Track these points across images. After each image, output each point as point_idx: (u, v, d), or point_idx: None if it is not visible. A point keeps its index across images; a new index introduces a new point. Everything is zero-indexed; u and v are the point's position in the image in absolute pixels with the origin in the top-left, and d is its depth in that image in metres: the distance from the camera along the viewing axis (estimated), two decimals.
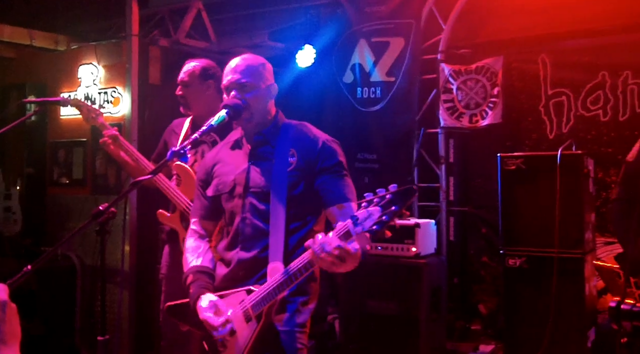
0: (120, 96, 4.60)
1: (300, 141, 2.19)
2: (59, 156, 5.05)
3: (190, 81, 3.18)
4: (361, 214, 1.66)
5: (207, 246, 2.33)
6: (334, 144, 2.20)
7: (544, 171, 3.74)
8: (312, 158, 2.14)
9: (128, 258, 4.37)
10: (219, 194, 2.26)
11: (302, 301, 2.13)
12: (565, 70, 4.29)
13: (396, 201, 1.62)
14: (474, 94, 4.50)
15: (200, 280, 2.20)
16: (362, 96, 4.91)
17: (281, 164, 2.15)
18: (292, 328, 2.09)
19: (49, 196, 5.13)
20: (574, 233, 3.65)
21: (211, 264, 2.27)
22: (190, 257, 2.29)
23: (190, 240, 2.35)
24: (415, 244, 3.91)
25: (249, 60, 2.22)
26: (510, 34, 4.42)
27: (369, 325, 3.92)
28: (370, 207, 1.64)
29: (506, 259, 3.81)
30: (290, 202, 2.10)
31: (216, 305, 2.11)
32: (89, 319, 4.64)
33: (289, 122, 2.28)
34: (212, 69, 3.22)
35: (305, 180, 2.12)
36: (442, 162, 4.70)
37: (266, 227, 2.10)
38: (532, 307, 3.71)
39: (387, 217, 1.61)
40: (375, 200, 1.64)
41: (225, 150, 2.35)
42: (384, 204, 1.62)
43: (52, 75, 5.07)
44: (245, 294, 2.07)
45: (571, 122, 4.29)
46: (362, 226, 1.66)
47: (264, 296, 2.00)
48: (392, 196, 1.62)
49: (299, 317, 2.11)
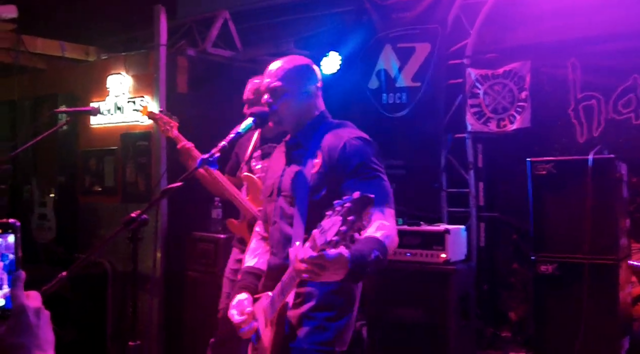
0: (148, 105, 4.67)
1: (326, 142, 2.09)
2: (90, 164, 5.14)
3: (256, 100, 3.25)
4: (326, 223, 1.58)
5: (266, 247, 2.30)
6: (359, 142, 2.05)
7: (575, 176, 3.67)
8: (334, 160, 2.03)
9: (159, 265, 4.42)
10: (265, 198, 2.28)
11: (327, 316, 2.01)
12: (595, 73, 4.21)
13: (354, 210, 1.52)
14: (501, 99, 4.46)
15: (244, 281, 2.21)
16: (388, 102, 4.90)
17: (307, 167, 2.08)
18: (312, 346, 1.98)
19: (81, 204, 5.23)
20: (607, 239, 3.57)
21: (264, 266, 2.24)
22: (247, 257, 2.32)
23: (253, 241, 2.37)
24: (445, 250, 3.88)
25: (286, 63, 2.18)
26: (538, 38, 4.37)
27: (396, 333, 3.89)
28: (333, 217, 1.55)
29: (537, 266, 3.75)
30: (311, 208, 2.00)
31: (242, 304, 2.10)
32: (119, 325, 4.70)
33: (330, 122, 2.20)
34: None
35: (328, 184, 2.02)
36: (471, 167, 4.65)
37: (291, 233, 2.05)
38: (563, 314, 3.63)
39: (346, 228, 1.52)
40: (337, 209, 1.55)
41: (277, 154, 2.34)
42: (343, 213, 1.53)
43: (82, 86, 5.18)
44: (267, 298, 2.05)
45: (602, 126, 4.21)
46: (325, 236, 1.57)
47: (270, 304, 1.99)
48: (350, 205, 1.53)
49: (321, 334, 1.99)
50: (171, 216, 4.49)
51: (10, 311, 0.98)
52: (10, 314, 0.98)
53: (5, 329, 0.97)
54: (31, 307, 0.99)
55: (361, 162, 2.00)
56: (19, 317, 0.98)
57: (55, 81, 5.44)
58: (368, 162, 2.01)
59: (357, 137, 2.07)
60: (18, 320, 0.98)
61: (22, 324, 0.98)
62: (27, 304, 0.99)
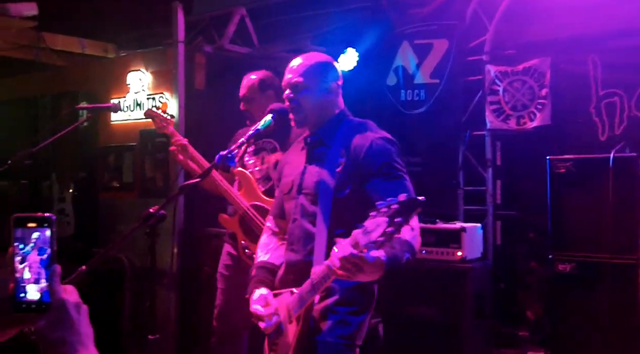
0: (168, 101, 4.70)
1: (351, 141, 2.12)
2: (109, 160, 5.19)
3: (251, 95, 3.29)
4: (369, 224, 1.61)
5: (277, 242, 2.34)
6: (384, 142, 2.10)
7: (596, 174, 3.63)
8: (359, 159, 2.07)
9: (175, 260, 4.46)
10: (282, 195, 2.28)
11: (350, 311, 2.05)
12: (617, 70, 4.14)
13: (402, 212, 1.56)
14: (520, 96, 4.41)
15: (259, 275, 2.24)
16: (406, 99, 4.87)
17: (331, 166, 2.10)
18: (336, 339, 2.02)
19: (100, 199, 5.28)
20: (628, 238, 3.52)
21: (278, 261, 2.28)
22: (259, 253, 2.34)
23: (264, 236, 2.40)
24: (461, 248, 3.85)
25: (307, 60, 2.22)
26: (558, 33, 4.31)
27: (411, 330, 3.88)
28: (378, 218, 1.59)
29: (555, 265, 3.71)
30: (335, 206, 2.04)
31: (266, 298, 2.13)
32: (136, 320, 4.74)
33: (351, 121, 2.22)
34: (270, 78, 3.32)
35: (352, 183, 2.06)
36: (489, 165, 4.61)
37: (314, 231, 2.07)
38: (581, 314, 3.60)
39: (393, 229, 1.56)
40: (382, 210, 1.58)
41: (295, 150, 2.36)
42: (390, 214, 1.57)
43: (101, 82, 5.22)
44: (289, 295, 2.08)
45: (624, 123, 4.14)
46: (368, 237, 1.60)
47: (299, 299, 2.00)
48: (398, 207, 1.56)
49: (344, 328, 2.03)
50: (188, 212, 4.52)
51: (48, 304, 0.98)
52: (50, 309, 0.98)
53: (46, 324, 0.97)
54: (71, 301, 0.99)
55: (385, 162, 2.05)
56: (59, 312, 0.98)
57: (75, 78, 5.49)
58: (392, 162, 2.06)
59: (382, 138, 2.12)
60: (59, 315, 0.97)
61: (63, 319, 0.97)
62: (67, 299, 0.99)
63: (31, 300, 0.99)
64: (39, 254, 1.00)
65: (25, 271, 1.00)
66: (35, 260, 1.00)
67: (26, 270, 1.00)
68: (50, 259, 1.00)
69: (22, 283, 0.99)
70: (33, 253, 1.00)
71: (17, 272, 0.99)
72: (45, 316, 0.97)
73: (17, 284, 0.99)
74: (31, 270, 1.00)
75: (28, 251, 1.00)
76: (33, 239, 1.00)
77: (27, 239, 1.00)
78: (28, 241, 1.00)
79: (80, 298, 1.02)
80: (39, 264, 1.00)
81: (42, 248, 1.00)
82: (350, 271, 1.70)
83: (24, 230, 1.00)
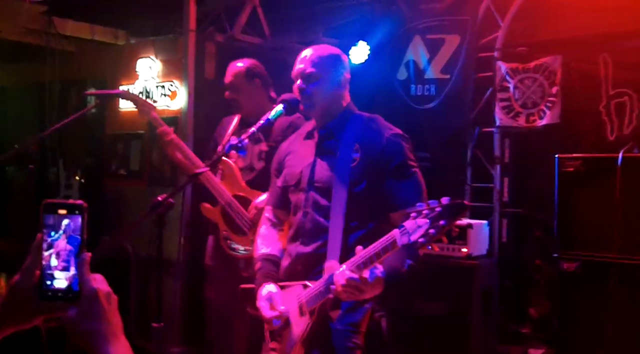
0: (177, 90, 4.69)
1: (365, 136, 2.13)
2: (117, 148, 5.19)
3: (238, 83, 3.23)
4: (409, 225, 1.62)
5: (277, 234, 2.35)
6: (399, 139, 2.12)
7: (604, 174, 3.62)
8: (376, 155, 2.08)
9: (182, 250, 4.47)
10: (287, 186, 2.28)
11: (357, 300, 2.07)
12: (628, 70, 4.13)
13: (445, 215, 1.56)
14: (531, 93, 4.39)
15: (265, 268, 2.24)
16: (416, 93, 4.86)
17: (344, 160, 2.11)
18: (345, 327, 2.06)
19: (106, 187, 5.29)
20: (635, 238, 3.52)
21: (279, 252, 2.29)
22: (260, 245, 2.34)
23: (262, 227, 2.40)
24: (467, 244, 3.86)
25: (319, 51, 2.22)
26: (570, 32, 4.29)
27: (416, 326, 3.89)
28: (419, 219, 1.60)
29: (561, 263, 3.72)
30: (350, 200, 2.06)
31: (272, 297, 2.14)
32: (141, 309, 4.76)
33: (360, 115, 2.23)
34: (257, 67, 3.28)
35: (367, 178, 2.08)
36: (497, 162, 4.60)
37: (326, 224, 2.08)
38: (587, 313, 3.61)
39: (435, 231, 1.56)
40: (424, 211, 1.59)
41: (298, 141, 2.35)
42: (433, 216, 1.57)
43: (111, 69, 5.22)
44: (302, 288, 2.08)
45: (633, 123, 4.13)
46: (408, 237, 1.62)
47: (316, 294, 2.01)
48: (441, 210, 1.57)
49: (352, 316, 2.07)
50: (195, 201, 4.53)
51: (77, 293, 0.96)
52: (81, 298, 0.96)
53: (77, 313, 0.95)
54: (102, 291, 0.97)
55: (402, 160, 2.09)
56: (91, 302, 0.96)
57: (84, 64, 5.49)
58: (407, 160, 2.10)
59: (396, 134, 2.14)
60: (90, 305, 0.95)
61: (95, 309, 0.95)
62: (98, 289, 0.97)
63: (59, 288, 0.97)
64: (68, 242, 0.98)
65: (52, 258, 0.97)
66: (64, 248, 0.98)
67: (53, 257, 0.97)
68: (80, 248, 0.98)
69: (49, 270, 0.97)
70: (62, 241, 0.98)
71: (44, 259, 0.97)
72: (76, 305, 0.95)
73: (43, 272, 0.97)
74: (59, 258, 0.97)
75: (57, 238, 0.98)
76: (63, 226, 0.98)
77: (56, 226, 0.98)
78: (58, 228, 0.98)
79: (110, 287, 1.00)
80: (67, 252, 0.97)
81: (72, 236, 0.98)
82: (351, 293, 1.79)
83: (54, 216, 0.98)
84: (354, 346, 2.06)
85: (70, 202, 0.99)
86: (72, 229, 0.98)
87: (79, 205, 0.98)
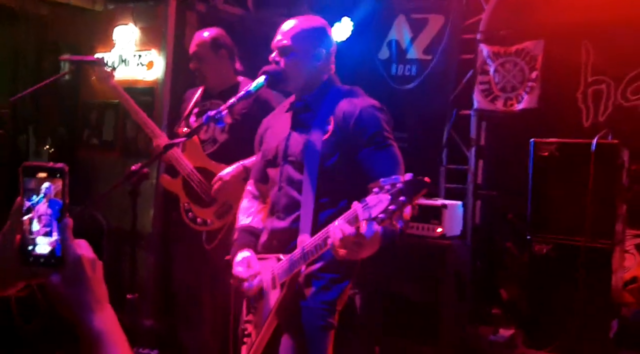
0: (155, 60, 4.60)
1: (339, 108, 2.07)
2: (90, 117, 5.08)
3: (203, 54, 3.14)
4: (371, 199, 1.59)
5: (259, 206, 2.32)
6: (374, 110, 2.06)
7: (578, 159, 3.68)
8: (349, 127, 2.03)
9: (154, 222, 4.42)
10: (264, 160, 2.26)
11: (333, 278, 2.05)
12: (608, 58, 4.18)
13: (406, 191, 1.53)
14: (511, 77, 4.42)
15: (242, 239, 2.22)
16: (397, 73, 4.85)
17: (317, 133, 2.07)
18: (318, 305, 2.03)
19: (79, 157, 5.19)
20: (605, 224, 3.60)
21: (259, 224, 2.26)
22: (240, 216, 2.31)
23: (244, 200, 2.37)
24: (442, 224, 3.89)
25: (301, 23, 2.15)
26: (554, 18, 4.31)
27: (389, 304, 3.93)
28: (381, 194, 1.56)
29: (533, 246, 3.78)
30: (321, 174, 2.02)
31: (249, 261, 2.12)
32: (113, 280, 4.71)
33: (339, 88, 2.17)
34: (223, 37, 3.20)
35: (340, 151, 2.03)
36: (473, 144, 4.64)
37: (300, 198, 2.05)
38: (556, 294, 3.69)
39: (395, 207, 1.53)
40: (386, 187, 1.56)
41: (278, 115, 2.31)
42: (394, 192, 1.54)
43: (87, 36, 5.07)
44: (275, 261, 2.06)
45: (609, 110, 4.20)
46: (369, 212, 1.59)
47: (285, 268, 1.99)
48: (403, 186, 1.54)
49: (326, 294, 2.03)
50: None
51: (61, 259, 0.93)
52: (64, 264, 0.93)
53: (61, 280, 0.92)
54: (87, 257, 0.94)
55: (376, 131, 2.02)
56: (74, 268, 0.93)
57: (59, 30, 5.32)
58: (382, 131, 2.03)
59: (371, 106, 2.08)
60: (74, 271, 0.93)
61: (79, 275, 0.93)
62: (83, 255, 0.94)
63: (41, 254, 0.94)
64: (49, 206, 0.94)
65: (33, 223, 0.94)
66: (45, 212, 0.94)
67: (35, 222, 0.94)
68: (61, 212, 0.94)
69: (30, 235, 0.94)
70: (43, 205, 0.94)
71: (24, 224, 0.94)
72: (59, 271, 0.93)
73: (24, 237, 0.94)
74: (41, 223, 0.94)
75: (37, 202, 0.94)
76: (43, 189, 0.94)
77: (37, 190, 0.94)
78: (38, 191, 0.94)
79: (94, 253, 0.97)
80: (49, 217, 0.94)
81: (53, 200, 0.94)
82: (352, 249, 1.69)
83: (33, 180, 0.94)
84: (327, 324, 2.02)
85: (51, 165, 0.95)
86: (53, 193, 0.95)
87: (60, 168, 0.95)
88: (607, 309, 3.57)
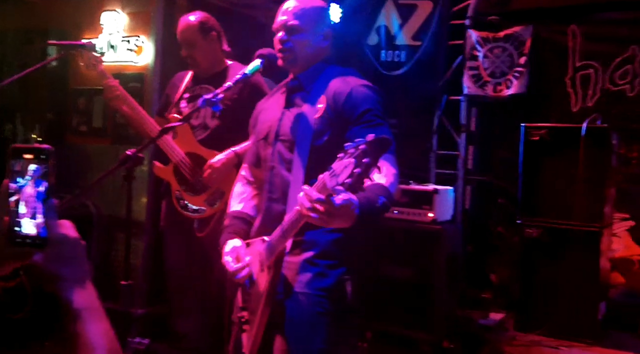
0: (144, 45, 4.55)
1: (331, 87, 2.04)
2: (79, 103, 5.03)
3: (192, 39, 3.11)
4: (337, 166, 1.52)
5: (252, 192, 2.27)
6: (365, 90, 2.02)
7: (568, 143, 3.72)
8: (340, 105, 1.99)
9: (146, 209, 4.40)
10: (258, 141, 2.24)
11: (329, 264, 2.01)
12: (596, 42, 4.20)
13: (369, 152, 1.47)
14: (500, 63, 4.43)
15: (233, 226, 2.18)
16: (386, 59, 4.84)
17: (309, 112, 2.03)
18: (313, 291, 1.99)
19: (68, 144, 5.13)
20: (594, 207, 3.64)
21: (252, 211, 2.23)
22: (232, 202, 2.27)
23: (237, 185, 2.32)
24: (433, 209, 3.91)
25: (304, 2, 2.11)
26: (542, 2, 4.33)
27: (381, 289, 3.94)
28: (345, 159, 1.50)
29: (523, 229, 3.82)
30: (312, 153, 1.98)
31: (237, 251, 2.08)
32: (103, 268, 4.70)
33: (333, 67, 2.14)
34: (210, 20, 3.18)
35: (331, 130, 1.99)
36: (463, 130, 4.66)
37: (290, 177, 2.01)
38: (546, 277, 3.74)
39: (361, 169, 1.47)
40: (350, 151, 1.50)
41: (273, 96, 2.27)
42: (357, 155, 1.47)
43: (74, 21, 5.00)
44: (261, 243, 2.02)
45: (597, 95, 4.23)
46: (336, 179, 1.52)
47: (269, 248, 1.96)
48: (365, 147, 1.47)
49: (322, 281, 2.00)
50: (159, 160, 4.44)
51: (46, 239, 0.95)
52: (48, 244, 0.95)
53: (44, 258, 0.95)
54: (70, 237, 0.97)
55: (367, 109, 1.98)
56: (58, 247, 0.95)
57: (46, 15, 5.24)
58: (374, 110, 1.99)
59: (364, 85, 2.05)
60: (57, 250, 0.95)
61: (62, 254, 0.96)
62: (66, 234, 0.96)
63: (27, 234, 0.96)
64: (35, 187, 0.96)
65: (20, 205, 0.96)
66: (31, 194, 0.96)
67: (22, 205, 0.96)
68: (47, 193, 0.96)
69: (17, 216, 0.96)
70: (29, 186, 0.96)
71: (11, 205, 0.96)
72: (43, 250, 0.95)
73: (12, 218, 0.96)
74: (27, 204, 0.96)
75: (24, 184, 0.96)
76: (30, 171, 0.96)
77: (23, 172, 0.96)
78: (24, 173, 0.96)
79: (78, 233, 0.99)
80: (35, 198, 0.96)
81: (39, 181, 0.96)
82: (322, 214, 1.60)
83: (20, 162, 0.96)
84: (324, 311, 1.98)
85: (37, 147, 0.96)
86: (38, 175, 0.96)
87: (46, 149, 0.96)
88: (595, 292, 3.62)
